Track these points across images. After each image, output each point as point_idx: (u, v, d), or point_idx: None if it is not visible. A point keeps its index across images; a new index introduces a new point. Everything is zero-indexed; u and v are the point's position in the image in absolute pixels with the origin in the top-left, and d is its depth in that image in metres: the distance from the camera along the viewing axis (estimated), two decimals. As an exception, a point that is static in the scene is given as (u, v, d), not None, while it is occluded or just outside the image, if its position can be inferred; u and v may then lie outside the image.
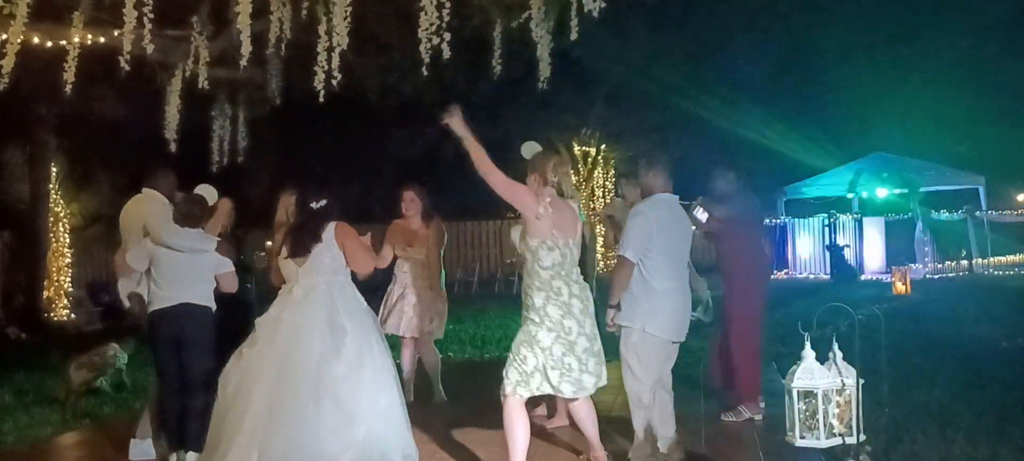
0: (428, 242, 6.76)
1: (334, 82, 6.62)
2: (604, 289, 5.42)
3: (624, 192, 6.45)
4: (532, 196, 4.68)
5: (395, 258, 6.82)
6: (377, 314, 5.96)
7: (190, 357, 5.36)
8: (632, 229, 4.94)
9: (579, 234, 4.83)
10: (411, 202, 6.80)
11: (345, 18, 6.17)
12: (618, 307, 4.98)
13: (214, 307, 5.42)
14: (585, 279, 4.92)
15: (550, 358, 4.65)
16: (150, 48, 6.55)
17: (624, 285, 4.92)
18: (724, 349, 6.26)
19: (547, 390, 4.71)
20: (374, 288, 6.81)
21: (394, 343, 6.16)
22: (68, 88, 6.70)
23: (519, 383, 4.65)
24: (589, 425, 4.94)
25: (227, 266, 5.51)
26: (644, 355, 4.90)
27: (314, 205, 5.12)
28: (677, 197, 5.13)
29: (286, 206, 6.09)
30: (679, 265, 5.05)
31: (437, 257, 6.84)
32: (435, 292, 6.79)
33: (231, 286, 5.55)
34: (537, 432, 5.68)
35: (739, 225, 6.23)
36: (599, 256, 18.46)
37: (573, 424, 5.40)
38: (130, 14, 6.14)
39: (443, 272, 6.97)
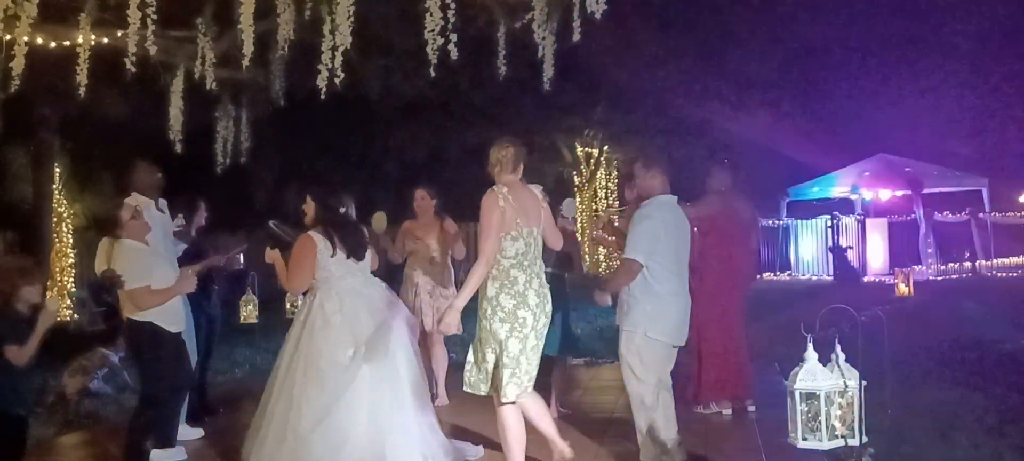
0: (439, 240, 6.86)
1: (337, 81, 6.63)
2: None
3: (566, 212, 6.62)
4: (491, 203, 4.56)
5: (405, 259, 6.91)
6: None
7: (139, 372, 5.34)
8: (640, 231, 4.89)
9: (542, 220, 4.70)
10: (421, 201, 6.89)
11: (348, 18, 6.18)
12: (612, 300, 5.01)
13: (158, 322, 5.22)
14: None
15: (505, 355, 4.52)
16: (154, 49, 6.57)
17: (625, 283, 4.91)
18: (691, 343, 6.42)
19: (482, 391, 4.64)
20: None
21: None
22: (81, 90, 6.72)
23: (469, 376, 4.68)
24: (545, 422, 4.77)
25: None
26: (646, 357, 4.88)
27: (343, 209, 5.20)
28: (676, 198, 5.11)
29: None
30: (681, 267, 5.04)
31: (446, 255, 6.92)
32: (446, 289, 6.87)
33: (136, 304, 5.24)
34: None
35: (716, 225, 6.36)
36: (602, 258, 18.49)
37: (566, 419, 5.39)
38: (134, 15, 6.15)
39: (451, 271, 7.04)
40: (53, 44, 7.52)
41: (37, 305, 4.63)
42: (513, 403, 4.61)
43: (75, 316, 13.80)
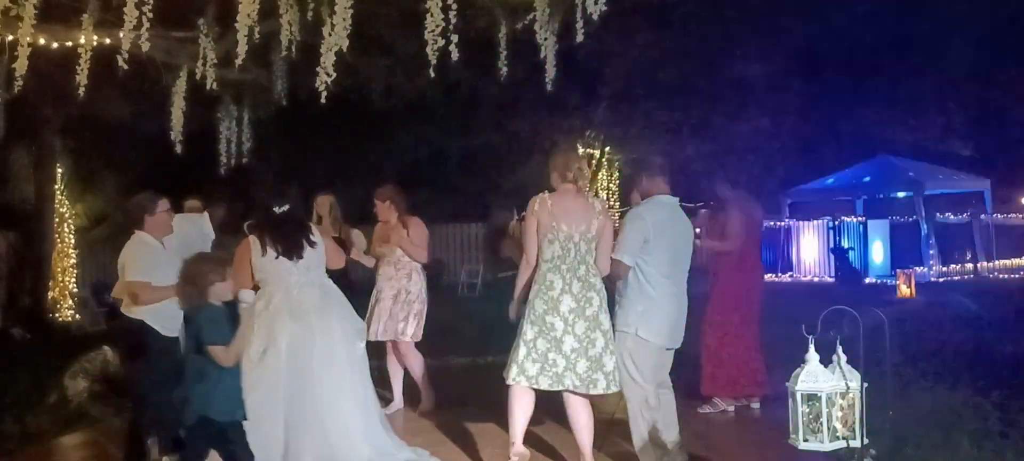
0: (399, 241, 6.66)
1: (333, 82, 6.61)
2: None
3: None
4: (528, 209, 4.82)
5: (378, 261, 6.77)
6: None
7: (133, 372, 5.43)
8: (628, 233, 4.93)
9: (595, 228, 4.80)
10: (379, 203, 6.76)
11: (344, 20, 6.17)
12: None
13: (150, 322, 5.23)
14: None
15: (534, 351, 4.73)
16: (155, 50, 6.57)
17: (612, 280, 4.99)
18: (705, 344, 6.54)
19: (523, 382, 4.79)
20: (361, 292, 6.79)
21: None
22: (80, 91, 6.72)
23: (509, 368, 4.83)
24: (584, 434, 4.92)
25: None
26: (639, 359, 4.90)
27: (277, 209, 5.18)
28: (677, 199, 5.11)
29: (320, 207, 6.57)
30: (678, 269, 5.04)
31: (411, 257, 6.70)
32: (410, 293, 6.67)
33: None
34: (544, 431, 5.69)
35: (729, 230, 6.51)
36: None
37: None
38: (131, 14, 6.15)
39: (420, 276, 6.82)
40: (55, 45, 7.52)
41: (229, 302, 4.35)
42: (521, 384, 4.79)
43: (77, 316, 13.80)
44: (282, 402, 4.90)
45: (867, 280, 17.95)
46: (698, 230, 6.71)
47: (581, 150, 20.08)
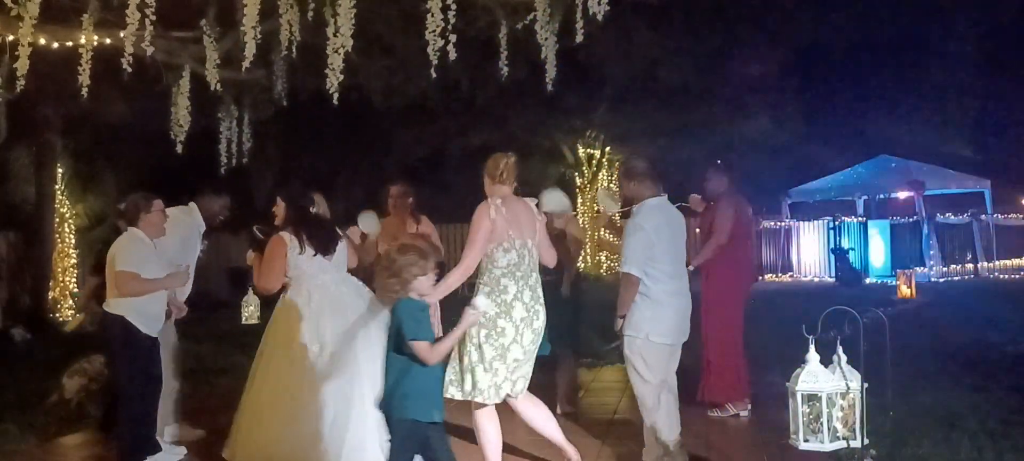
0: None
1: (338, 83, 6.61)
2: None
3: (602, 204, 6.37)
4: (482, 214, 4.63)
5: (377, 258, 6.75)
6: None
7: (113, 369, 5.47)
8: (632, 244, 4.89)
9: (538, 233, 4.78)
10: (398, 198, 6.72)
11: (348, 21, 6.17)
12: (624, 318, 4.98)
13: (131, 319, 5.26)
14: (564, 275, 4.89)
15: (481, 358, 4.58)
16: (155, 50, 6.57)
17: (631, 299, 4.90)
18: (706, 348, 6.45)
19: (460, 395, 4.64)
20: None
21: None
22: (81, 91, 6.73)
23: (473, 387, 4.62)
24: (548, 425, 4.86)
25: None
26: (649, 358, 4.89)
27: (314, 208, 5.26)
28: (665, 197, 5.09)
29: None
30: (678, 266, 5.04)
31: None
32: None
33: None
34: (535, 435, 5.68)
35: (717, 223, 6.39)
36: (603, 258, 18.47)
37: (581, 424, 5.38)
38: (133, 16, 6.15)
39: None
40: (56, 45, 7.52)
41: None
42: (486, 406, 4.66)
43: (77, 316, 13.80)
44: (330, 395, 4.86)
45: (867, 280, 17.95)
46: (698, 230, 6.70)
47: (581, 150, 20.13)
